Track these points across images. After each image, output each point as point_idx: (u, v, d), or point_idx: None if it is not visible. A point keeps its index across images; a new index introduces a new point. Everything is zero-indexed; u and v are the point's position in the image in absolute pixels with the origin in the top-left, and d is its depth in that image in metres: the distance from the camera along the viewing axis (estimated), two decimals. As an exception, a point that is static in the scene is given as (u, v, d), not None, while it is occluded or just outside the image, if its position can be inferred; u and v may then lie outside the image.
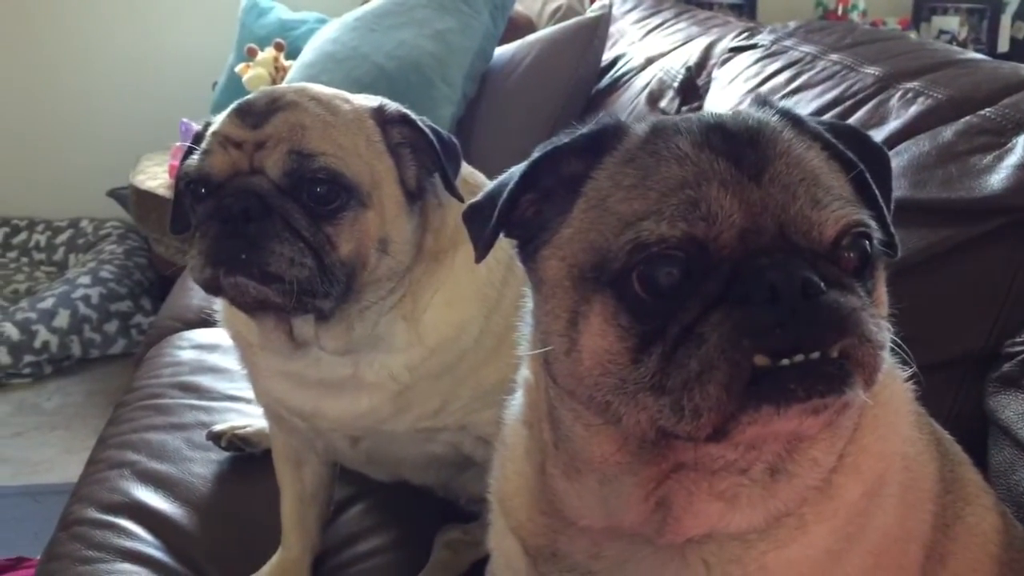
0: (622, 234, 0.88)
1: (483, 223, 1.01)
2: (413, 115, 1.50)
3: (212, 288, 1.41)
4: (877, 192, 0.98)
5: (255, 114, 1.42)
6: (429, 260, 1.51)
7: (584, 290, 0.92)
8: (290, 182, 1.38)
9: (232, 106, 1.47)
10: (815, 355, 0.83)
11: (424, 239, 1.51)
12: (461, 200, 1.43)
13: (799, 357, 0.82)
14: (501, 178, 1.04)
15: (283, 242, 1.35)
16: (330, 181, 1.39)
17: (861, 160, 0.98)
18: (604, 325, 0.89)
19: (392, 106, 1.51)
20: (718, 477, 0.95)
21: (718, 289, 0.85)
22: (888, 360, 0.92)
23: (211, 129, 1.45)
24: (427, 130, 1.47)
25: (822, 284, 0.84)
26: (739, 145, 0.91)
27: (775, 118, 0.98)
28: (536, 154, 1.00)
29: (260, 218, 1.36)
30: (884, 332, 0.87)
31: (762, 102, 1.03)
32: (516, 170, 1.01)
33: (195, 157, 1.43)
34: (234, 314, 1.55)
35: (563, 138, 1.00)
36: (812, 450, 0.97)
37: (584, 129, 1.00)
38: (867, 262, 0.92)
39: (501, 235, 1.02)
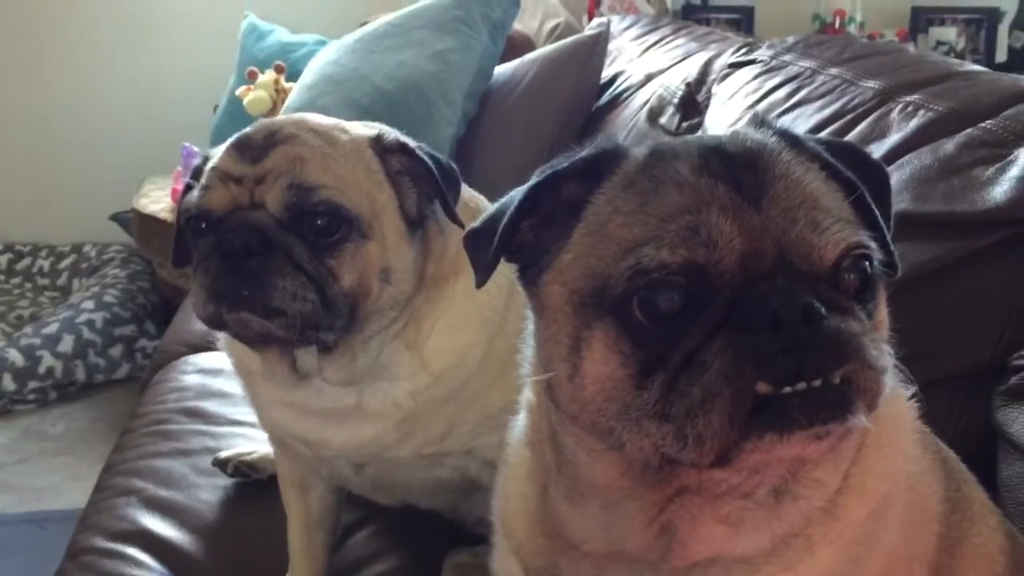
0: (622, 260, 0.88)
1: (483, 249, 1.01)
2: (411, 143, 1.49)
3: (215, 323, 1.41)
4: (876, 211, 0.97)
5: (254, 148, 1.42)
6: (431, 287, 1.51)
7: (585, 316, 0.91)
8: (291, 216, 1.38)
9: (230, 140, 1.47)
10: (817, 382, 0.83)
11: (426, 266, 1.50)
12: (462, 227, 1.43)
13: (801, 384, 0.82)
14: (500, 203, 1.04)
15: (285, 276, 1.35)
16: (330, 213, 1.38)
17: (860, 178, 0.98)
18: (606, 351, 0.89)
19: (391, 135, 1.51)
20: (722, 501, 0.94)
21: (719, 315, 0.85)
22: (890, 380, 0.92)
23: (210, 164, 1.45)
24: (426, 158, 1.47)
25: (823, 309, 0.84)
26: (738, 169, 0.91)
27: (773, 139, 0.98)
28: (535, 179, 1.00)
29: (261, 253, 1.35)
30: (885, 357, 0.87)
31: (760, 122, 1.03)
32: (515, 195, 1.01)
33: (195, 193, 1.43)
34: (236, 343, 1.55)
35: (562, 162, 1.00)
36: (816, 472, 0.97)
37: (583, 153, 1.00)
38: (868, 283, 0.92)
39: (502, 260, 1.02)
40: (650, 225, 0.89)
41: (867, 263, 0.91)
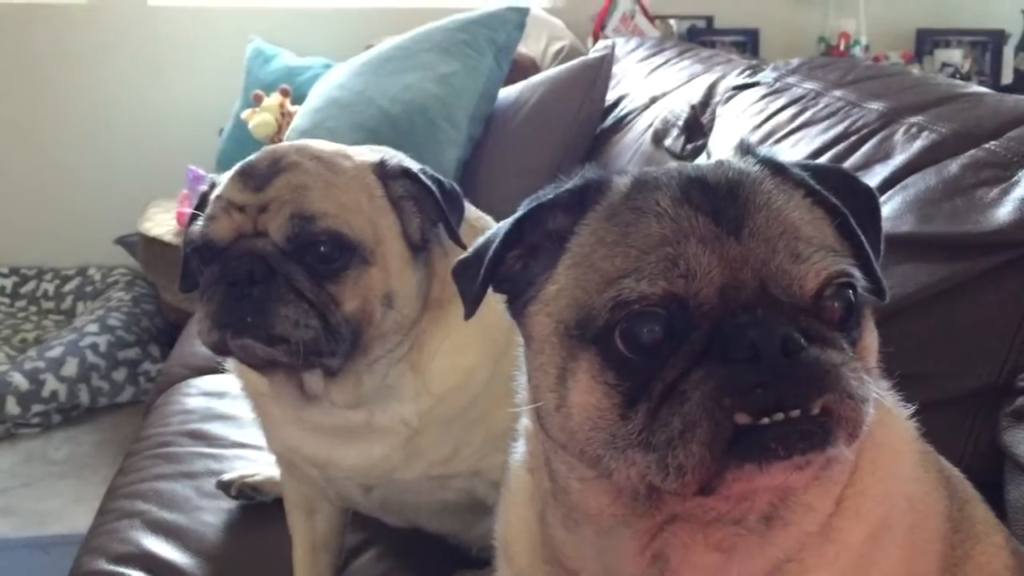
0: (604, 291, 0.89)
1: (471, 280, 1.02)
2: (414, 168, 1.50)
3: (220, 350, 1.43)
4: (863, 237, 0.97)
5: (257, 176, 1.43)
6: (435, 309, 1.52)
7: (571, 347, 0.92)
8: (293, 244, 1.40)
9: (235, 168, 1.48)
10: (796, 413, 0.83)
11: (430, 289, 1.51)
12: (466, 249, 1.43)
13: (779, 415, 0.82)
14: (488, 234, 1.05)
15: (288, 304, 1.37)
16: (333, 241, 1.40)
17: (847, 203, 0.97)
18: (591, 382, 0.89)
19: (393, 160, 1.52)
20: (713, 528, 0.95)
21: (700, 346, 0.85)
22: (886, 401, 0.92)
23: (215, 193, 1.47)
24: (429, 182, 1.48)
25: (803, 340, 0.84)
26: (718, 199, 0.92)
27: (756, 167, 0.98)
28: (521, 211, 1.01)
29: (265, 281, 1.37)
30: (867, 386, 0.87)
31: (745, 150, 1.03)
32: (502, 226, 1.02)
33: (199, 223, 1.45)
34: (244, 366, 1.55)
35: (547, 193, 1.01)
36: (806, 497, 0.97)
37: (568, 184, 1.01)
38: (852, 311, 0.91)
39: (490, 290, 1.02)
40: (631, 257, 0.89)
41: (850, 291, 0.91)
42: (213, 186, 1.51)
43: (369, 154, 1.53)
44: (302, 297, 1.38)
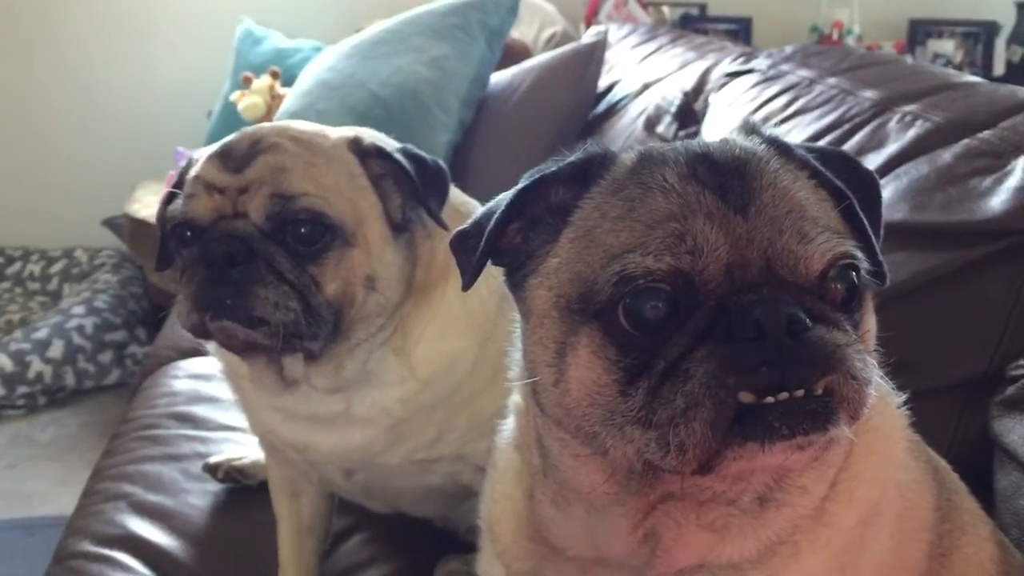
0: (608, 266, 0.88)
1: (470, 251, 1.00)
2: (389, 147, 1.49)
3: (200, 332, 1.41)
4: (865, 221, 0.97)
5: (236, 158, 1.42)
6: (419, 294, 1.50)
7: (571, 321, 0.91)
8: (273, 225, 1.38)
9: (214, 148, 1.46)
10: (800, 392, 0.82)
11: (414, 273, 1.49)
12: (446, 228, 1.42)
13: (783, 395, 0.82)
14: (489, 205, 1.04)
15: (267, 286, 1.35)
16: (313, 221, 1.38)
17: (851, 186, 0.97)
18: (591, 357, 0.89)
19: (367, 139, 1.50)
20: (706, 508, 0.94)
21: (704, 324, 0.85)
22: (881, 387, 0.91)
23: (193, 172, 1.45)
24: (403, 160, 1.46)
25: (808, 320, 0.84)
26: (725, 176, 0.91)
27: (762, 147, 0.97)
28: (523, 182, 0.99)
29: (244, 262, 1.36)
30: (870, 368, 0.86)
31: (750, 129, 1.02)
32: (503, 198, 1.00)
33: (179, 201, 1.43)
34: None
35: (551, 166, 1.00)
36: (801, 479, 0.97)
37: (572, 157, 0.99)
38: (854, 293, 0.91)
39: (489, 264, 1.01)
40: (636, 231, 0.89)
41: (854, 273, 0.91)
42: (190, 164, 1.49)
43: (345, 133, 1.52)
44: (282, 279, 1.36)
